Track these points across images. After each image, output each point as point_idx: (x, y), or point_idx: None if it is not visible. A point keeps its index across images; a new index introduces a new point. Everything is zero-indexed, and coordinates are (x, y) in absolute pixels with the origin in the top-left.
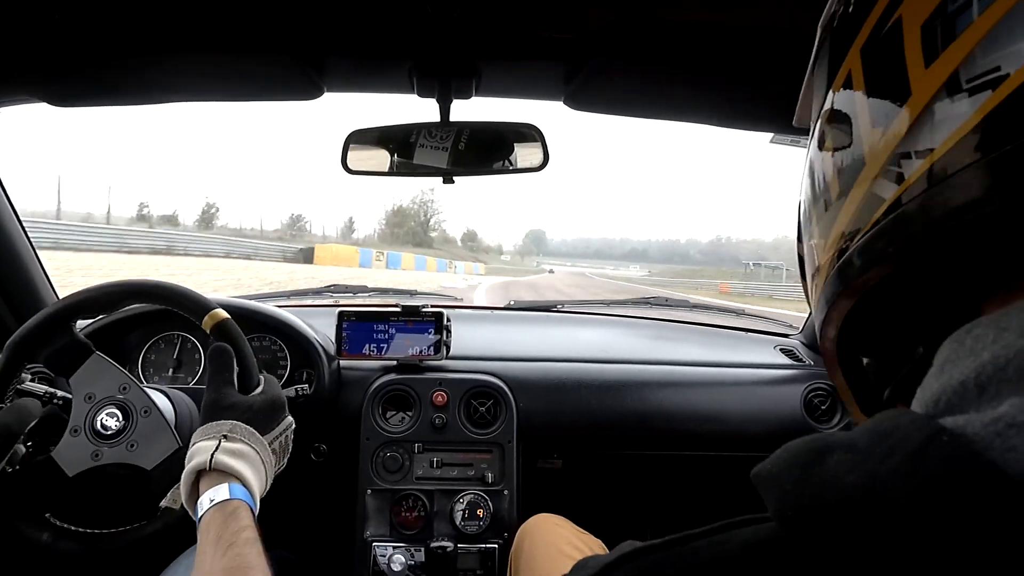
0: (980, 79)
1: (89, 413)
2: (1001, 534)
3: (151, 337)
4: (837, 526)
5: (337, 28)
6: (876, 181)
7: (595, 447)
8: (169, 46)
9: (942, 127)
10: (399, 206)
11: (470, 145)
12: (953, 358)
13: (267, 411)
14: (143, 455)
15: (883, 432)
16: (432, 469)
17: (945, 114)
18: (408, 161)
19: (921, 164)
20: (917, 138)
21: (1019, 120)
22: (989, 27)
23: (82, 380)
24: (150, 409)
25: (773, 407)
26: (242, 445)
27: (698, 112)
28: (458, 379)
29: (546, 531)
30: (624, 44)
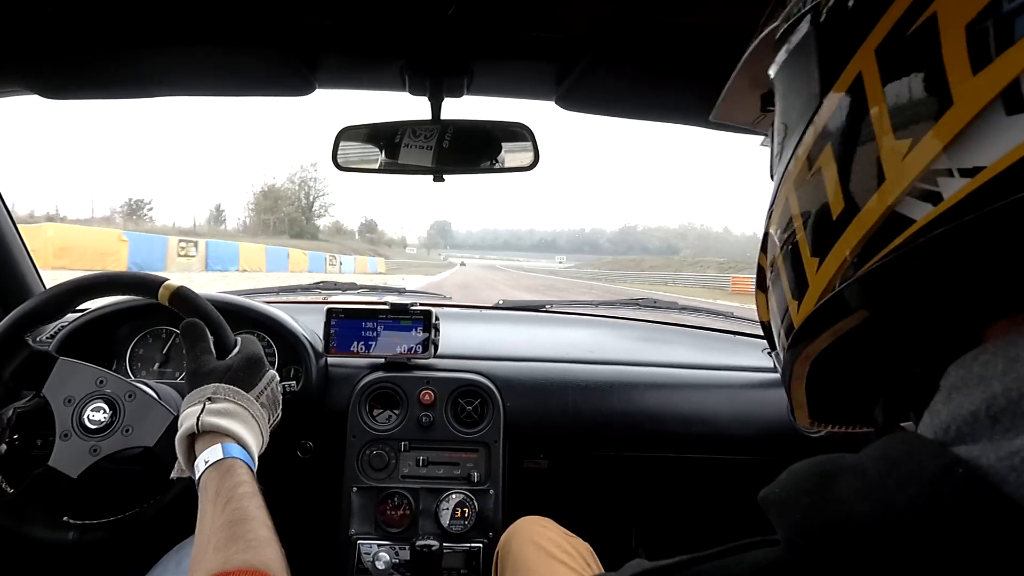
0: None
1: (74, 414)
2: (1018, 570)
3: (139, 332)
4: (851, 556)
5: (330, 24)
6: (902, 199)
7: (581, 448)
8: (162, 39)
9: (996, 144)
10: (271, 186)
11: (457, 144)
12: (960, 385)
13: (247, 368)
14: (141, 435)
15: (894, 459)
16: (418, 468)
17: (1001, 129)
18: (395, 158)
19: (967, 183)
20: (960, 154)
21: None
22: None
23: (55, 387)
24: (134, 393)
25: (760, 410)
26: (228, 404)
27: (689, 113)
28: (445, 378)
29: (534, 533)
30: (616, 45)
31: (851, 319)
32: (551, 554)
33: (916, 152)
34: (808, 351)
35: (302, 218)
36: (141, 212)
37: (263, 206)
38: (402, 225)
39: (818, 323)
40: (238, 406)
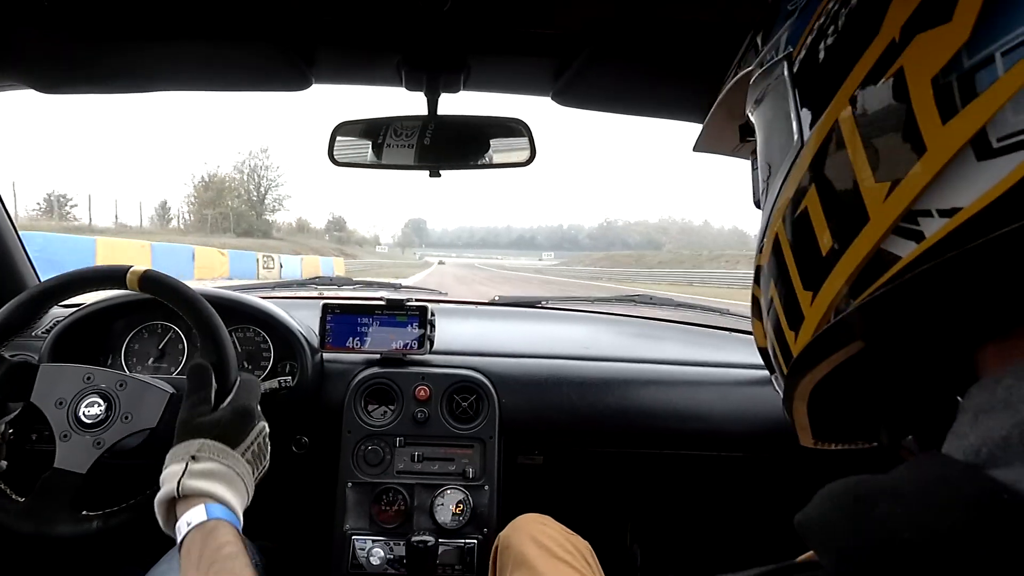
0: (1013, 138)
1: (68, 414)
2: None
3: (134, 327)
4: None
5: (327, 19)
6: (888, 237)
7: (576, 444)
8: (158, 34)
9: (970, 187)
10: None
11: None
12: (987, 408)
13: (236, 423)
14: (142, 419)
15: (930, 482)
16: (413, 463)
17: (972, 174)
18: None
19: (946, 223)
20: (937, 196)
21: None
22: (1020, 84)
23: (43, 393)
24: (124, 382)
25: (755, 407)
26: (211, 464)
27: (686, 109)
28: (441, 374)
29: (534, 531)
30: (612, 41)
31: (848, 349)
32: (553, 552)
33: (897, 193)
34: (807, 379)
35: (251, 213)
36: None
37: (204, 199)
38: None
39: (816, 353)
40: (222, 465)
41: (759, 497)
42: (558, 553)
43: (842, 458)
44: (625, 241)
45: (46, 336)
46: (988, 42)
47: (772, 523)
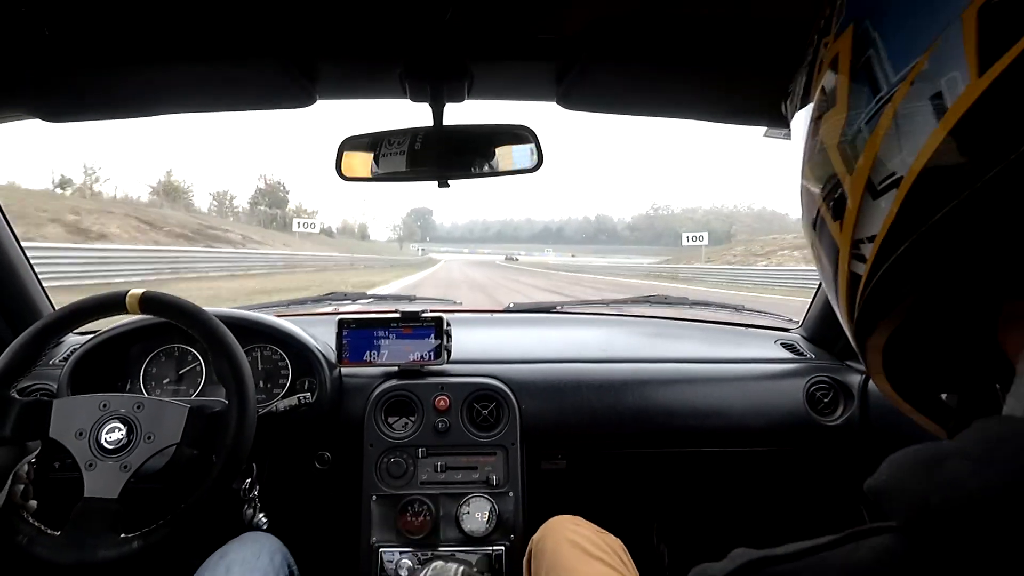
0: (888, 180)
1: (90, 443)
2: None
3: (151, 351)
4: (968, 532)
5: (327, 33)
6: (851, 262)
7: (598, 447)
8: (161, 58)
9: (876, 218)
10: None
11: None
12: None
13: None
14: (165, 436)
15: (996, 439)
16: (436, 473)
17: (873, 209)
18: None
19: (872, 247)
20: (864, 227)
21: (926, 208)
22: (880, 141)
23: (60, 427)
24: (141, 403)
25: (775, 401)
26: None
27: (691, 107)
28: (459, 383)
29: (568, 531)
30: (614, 40)
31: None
32: (587, 551)
33: (844, 229)
34: (870, 344)
35: None
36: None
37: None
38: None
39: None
40: None
41: (783, 491)
42: (593, 552)
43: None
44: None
45: (63, 365)
46: (856, 116)
47: (798, 515)
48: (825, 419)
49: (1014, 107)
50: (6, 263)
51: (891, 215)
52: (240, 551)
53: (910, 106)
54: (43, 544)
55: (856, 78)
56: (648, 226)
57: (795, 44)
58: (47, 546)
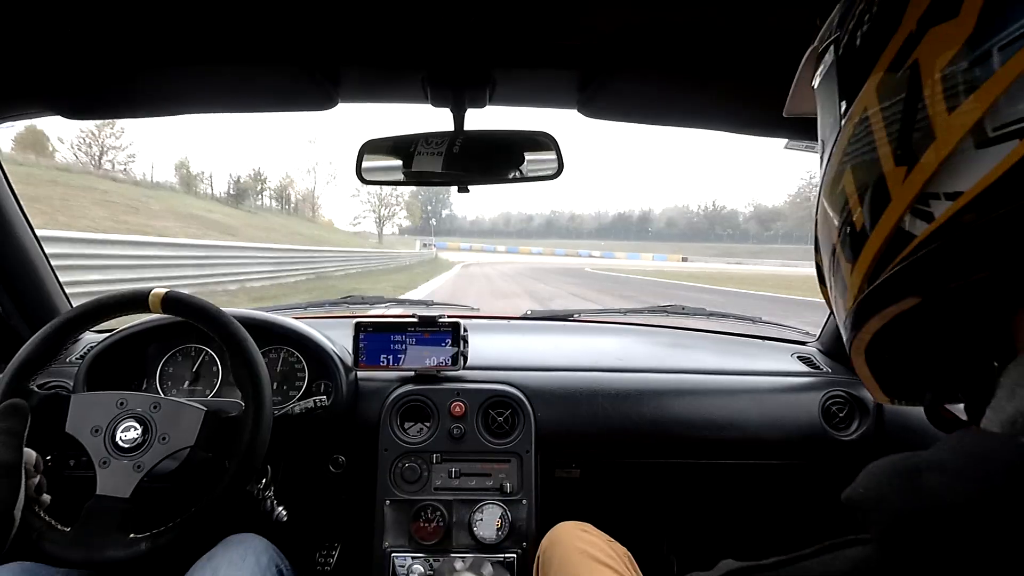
0: (1006, 128)
1: (106, 441)
2: None
3: (168, 350)
4: (944, 543)
5: (350, 39)
6: (904, 217)
7: (613, 456)
8: (183, 59)
9: (970, 172)
10: None
11: (477, 152)
12: (1019, 384)
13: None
14: (180, 438)
15: (971, 452)
16: (450, 479)
17: (972, 160)
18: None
19: (951, 206)
20: (945, 180)
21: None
22: (1012, 78)
23: (77, 423)
24: (158, 403)
25: (791, 414)
26: None
27: (712, 119)
28: (475, 389)
29: (576, 538)
30: (636, 50)
31: (884, 314)
32: (596, 558)
33: (912, 178)
34: (858, 339)
35: None
36: None
37: None
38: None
39: (858, 319)
40: None
41: (796, 505)
42: (600, 558)
43: None
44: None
45: (80, 362)
46: (987, 37)
47: (810, 529)
48: (840, 434)
49: None
50: (25, 259)
51: (998, 171)
52: (226, 554)
53: None
54: (52, 540)
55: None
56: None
57: None
58: (56, 542)
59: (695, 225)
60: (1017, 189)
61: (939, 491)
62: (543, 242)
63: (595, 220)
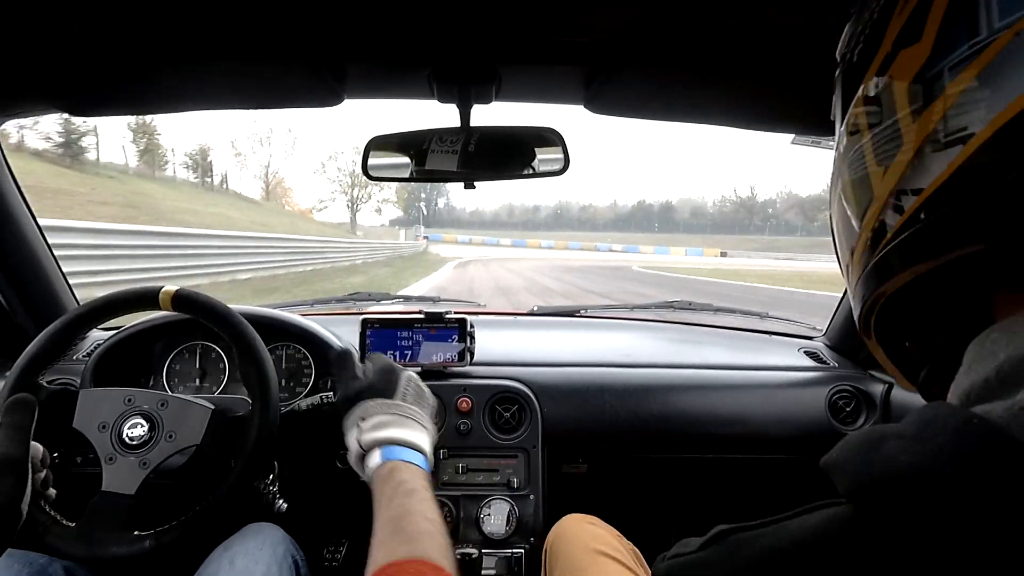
0: (954, 135)
1: (112, 437)
2: (1020, 494)
3: (174, 348)
4: (895, 498)
5: (356, 35)
6: (884, 211)
7: (620, 451)
8: (188, 56)
9: (928, 172)
10: None
11: (484, 149)
12: (977, 359)
13: (382, 380)
14: (186, 436)
15: (926, 421)
16: (457, 475)
17: (931, 162)
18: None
19: (915, 200)
20: (912, 179)
21: (988, 170)
22: (958, 93)
23: (84, 418)
24: (165, 401)
25: (797, 409)
26: (378, 417)
27: (719, 114)
28: (482, 385)
29: (582, 531)
30: (643, 46)
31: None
32: (602, 552)
33: (889, 174)
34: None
35: None
36: None
37: None
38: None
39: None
40: (389, 415)
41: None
42: (608, 552)
43: None
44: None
45: (87, 360)
46: (941, 58)
47: None
48: (847, 428)
49: None
50: (31, 255)
51: (948, 172)
52: (243, 543)
53: (1008, 59)
54: (57, 535)
55: (952, 14)
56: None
57: (823, 54)
58: (60, 537)
59: (728, 215)
60: (961, 188)
61: (894, 455)
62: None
63: (611, 210)
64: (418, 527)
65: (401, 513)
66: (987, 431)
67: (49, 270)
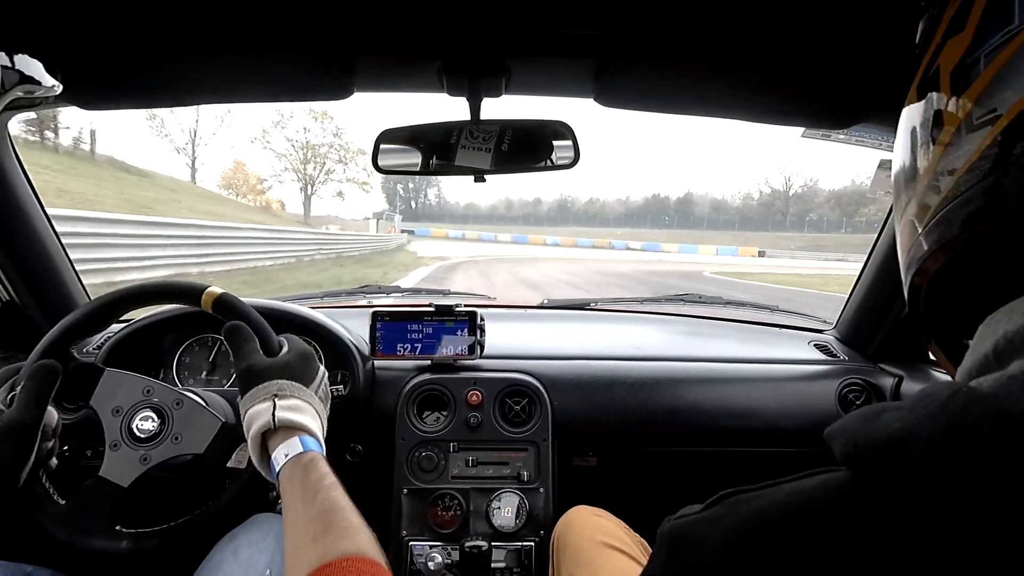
0: (984, 118)
1: (122, 424)
2: (1003, 455)
3: (184, 340)
4: (885, 458)
5: (366, 28)
6: (926, 192)
7: (630, 444)
8: (198, 49)
9: (961, 154)
10: None
11: (488, 141)
12: (980, 339)
13: (302, 363)
14: (191, 443)
15: (924, 395)
16: (467, 468)
17: (964, 144)
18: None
19: (950, 180)
20: (949, 160)
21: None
22: (990, 79)
23: (102, 398)
24: (181, 400)
25: (808, 402)
26: (295, 400)
27: (729, 107)
28: (492, 378)
29: (588, 523)
30: (654, 39)
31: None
32: (609, 545)
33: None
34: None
35: None
36: None
37: None
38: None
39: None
40: (303, 401)
41: None
42: (615, 545)
43: None
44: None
45: (97, 352)
46: (978, 46)
47: None
48: None
49: None
50: (42, 250)
51: (976, 153)
52: (247, 534)
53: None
54: (46, 512)
55: (992, 6)
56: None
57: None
58: (49, 515)
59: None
60: (986, 168)
61: (889, 423)
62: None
63: (621, 204)
64: (350, 522)
65: (331, 507)
66: (973, 398)
67: (59, 264)
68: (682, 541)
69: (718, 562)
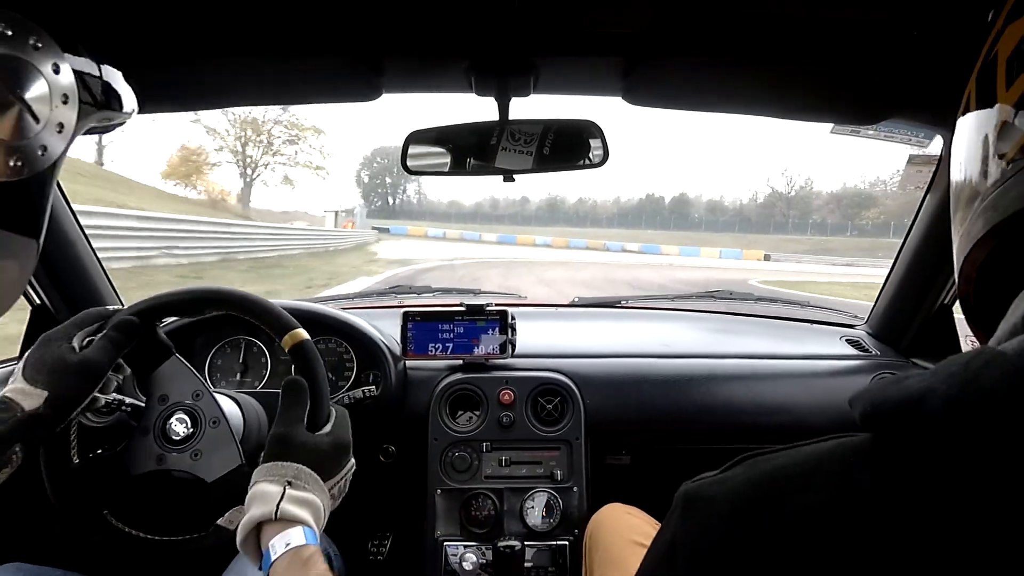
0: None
1: (160, 416)
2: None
3: (218, 341)
4: (901, 416)
5: (395, 29)
6: (980, 175)
7: (662, 442)
8: (229, 51)
9: (1012, 136)
10: None
11: (518, 141)
12: (1012, 312)
13: (333, 455)
14: (205, 467)
15: (949, 361)
16: (501, 468)
17: (1016, 127)
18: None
19: (999, 164)
20: (999, 144)
21: None
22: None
23: (159, 380)
24: (219, 420)
25: (840, 398)
26: (307, 494)
27: (759, 103)
28: (524, 377)
29: (620, 522)
30: (681, 36)
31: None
32: (641, 543)
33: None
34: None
35: None
36: None
37: None
38: None
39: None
40: (315, 496)
41: None
42: (645, 543)
43: None
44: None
45: None
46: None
47: None
48: None
49: None
50: (72, 254)
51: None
52: None
53: None
54: (56, 472)
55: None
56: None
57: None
58: (56, 478)
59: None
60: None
61: (911, 384)
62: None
63: (614, 204)
64: None
65: None
66: (992, 357)
67: (91, 267)
68: (695, 500)
69: (730, 513)
